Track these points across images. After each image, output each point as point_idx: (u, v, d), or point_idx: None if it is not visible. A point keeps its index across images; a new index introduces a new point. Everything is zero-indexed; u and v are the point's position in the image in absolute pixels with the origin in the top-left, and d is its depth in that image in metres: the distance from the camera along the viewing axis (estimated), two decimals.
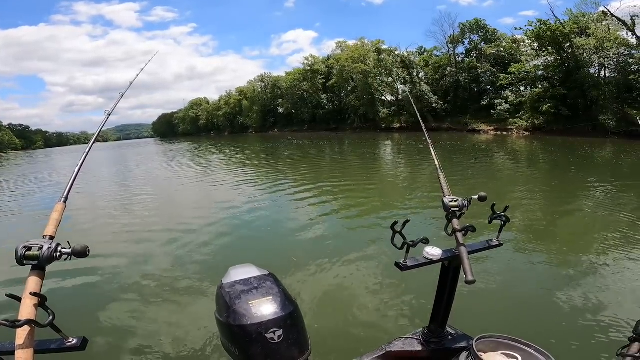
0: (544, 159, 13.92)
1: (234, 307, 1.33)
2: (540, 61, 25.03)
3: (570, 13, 25.27)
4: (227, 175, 11.44)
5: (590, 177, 8.73)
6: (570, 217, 5.51)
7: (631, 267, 3.45)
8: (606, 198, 6.58)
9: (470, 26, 33.58)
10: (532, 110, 23.90)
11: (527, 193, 7.23)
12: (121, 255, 4.41)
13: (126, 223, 6.09)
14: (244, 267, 1.63)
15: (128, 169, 17.50)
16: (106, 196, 9.10)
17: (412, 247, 1.13)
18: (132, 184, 11.49)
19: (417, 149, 17.38)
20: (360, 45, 39.67)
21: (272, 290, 1.42)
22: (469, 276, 1.00)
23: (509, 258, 3.69)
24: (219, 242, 4.74)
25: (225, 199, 7.48)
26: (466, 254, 1.08)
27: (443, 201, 1.21)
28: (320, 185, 8.76)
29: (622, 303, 2.76)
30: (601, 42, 22.29)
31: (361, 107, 38.52)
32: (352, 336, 2.56)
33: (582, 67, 22.83)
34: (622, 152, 14.85)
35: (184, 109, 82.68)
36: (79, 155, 1.26)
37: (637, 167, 11.46)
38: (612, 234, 4.40)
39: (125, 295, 3.36)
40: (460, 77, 32.92)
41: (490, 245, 1.31)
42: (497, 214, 1.26)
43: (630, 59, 22.54)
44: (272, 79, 54.89)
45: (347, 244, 4.30)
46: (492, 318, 2.66)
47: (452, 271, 1.25)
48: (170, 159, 22.21)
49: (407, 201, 6.67)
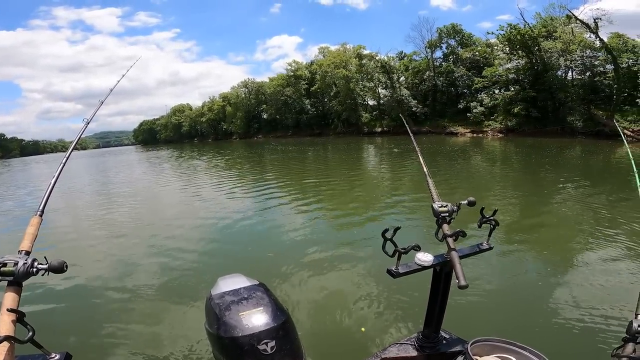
0: (518, 160, 14.48)
1: (224, 319, 1.31)
2: (512, 64, 26.10)
3: (539, 17, 26.56)
4: (212, 183, 11.27)
5: (561, 177, 9.09)
6: (550, 216, 5.64)
7: (616, 264, 3.52)
8: (579, 196, 6.84)
9: (447, 31, 34.76)
10: (505, 113, 24.88)
11: (505, 194, 7.43)
12: (105, 268, 4.29)
13: (109, 234, 5.93)
14: (233, 277, 1.62)
15: (109, 177, 17.16)
16: (87, 207, 8.89)
17: (403, 254, 1.12)
18: (113, 193, 11.18)
19: (400, 152, 17.73)
20: (342, 50, 40.39)
21: (262, 301, 1.41)
22: (461, 281, 0.99)
23: (499, 260, 3.69)
24: (207, 251, 4.63)
25: (211, 208, 7.36)
26: (457, 258, 1.08)
27: (433, 207, 1.21)
28: (307, 191, 8.71)
29: (612, 302, 2.76)
30: (567, 45, 23.41)
31: (344, 112, 39.09)
32: (347, 343, 2.54)
33: (549, 70, 23.88)
34: (589, 151, 15.67)
35: (166, 116, 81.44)
36: (57, 164, 1.26)
37: (604, 165, 12.13)
38: (591, 231, 4.56)
39: (110, 308, 3.26)
40: (438, 81, 33.93)
41: (480, 249, 1.30)
42: (486, 218, 1.26)
43: (595, 61, 23.80)
44: (255, 84, 54.94)
45: (337, 250, 4.26)
46: (486, 321, 2.67)
47: (444, 276, 1.24)
48: (153, 166, 21.90)
49: (395, 206, 6.64)
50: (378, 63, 37.07)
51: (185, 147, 45.14)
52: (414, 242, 1.17)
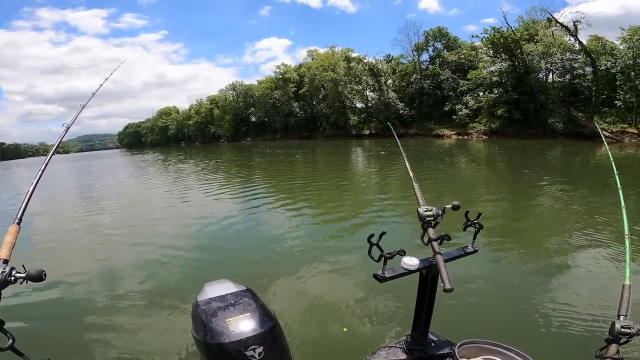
0: (502, 162, 14.83)
1: (210, 325, 1.30)
2: (495, 67, 26.69)
3: (522, 20, 27.26)
4: (199, 187, 11.15)
5: (543, 179, 9.27)
6: (533, 218, 5.72)
7: (599, 264, 3.58)
8: (561, 197, 6.96)
9: (434, 34, 35.41)
10: (488, 115, 25.44)
11: (489, 197, 7.51)
12: (88, 274, 4.22)
13: (92, 239, 5.82)
14: (220, 283, 1.62)
15: (92, 182, 16.80)
16: (70, 212, 8.69)
17: (389, 259, 1.13)
18: (97, 197, 10.93)
19: (387, 155, 17.88)
20: (330, 53, 40.61)
21: (249, 306, 1.41)
22: (446, 284, 1.00)
23: (486, 262, 3.73)
24: (193, 256, 4.57)
25: (198, 212, 7.27)
26: (443, 262, 1.08)
27: (418, 211, 1.21)
28: (295, 195, 8.67)
29: (596, 302, 2.81)
30: (548, 48, 24.09)
31: (332, 115, 39.24)
32: (336, 348, 2.54)
33: (531, 73, 24.53)
34: (569, 152, 16.19)
35: (152, 119, 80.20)
36: (38, 168, 1.24)
37: (584, 166, 12.54)
38: (573, 231, 4.63)
39: (94, 315, 3.19)
40: (424, 84, 34.46)
41: (465, 252, 1.31)
42: (470, 222, 1.28)
43: (575, 63, 24.57)
44: (244, 87, 54.67)
45: (325, 254, 4.24)
46: (473, 322, 2.69)
47: (431, 279, 1.25)
48: (138, 170, 21.54)
49: (383, 209, 6.66)
50: (366, 66, 37.41)
51: (171, 151, 44.51)
52: (401, 246, 1.19)
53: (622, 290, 1.17)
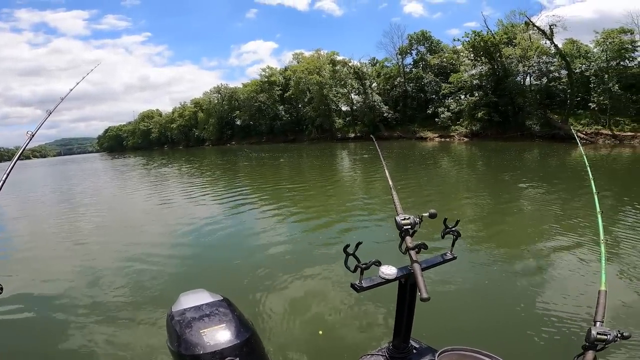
0: (482, 163, 15.16)
1: (184, 336, 1.29)
2: (476, 70, 27.20)
3: (501, 24, 28.02)
4: (180, 192, 10.93)
5: (521, 181, 9.44)
6: (511, 221, 5.75)
7: (577, 267, 3.62)
8: (539, 199, 7.08)
9: (417, 37, 35.98)
10: (469, 118, 25.94)
11: (469, 200, 7.56)
12: (60, 282, 4.10)
13: (66, 246, 5.68)
14: (196, 293, 1.60)
15: (70, 186, 16.29)
16: (45, 217, 8.47)
17: (365, 269, 1.13)
18: (74, 203, 10.61)
19: (370, 159, 17.96)
20: (316, 56, 40.78)
21: (225, 317, 1.40)
22: (423, 294, 1.00)
23: (465, 268, 3.72)
24: (171, 264, 4.49)
25: (179, 218, 7.14)
26: (420, 271, 1.08)
27: (396, 220, 1.21)
28: (278, 200, 8.59)
29: (575, 307, 2.83)
30: (525, 51, 24.83)
31: (318, 118, 39.32)
32: (317, 357, 2.53)
33: (509, 76, 25.15)
34: (546, 154, 16.62)
35: (134, 122, 78.55)
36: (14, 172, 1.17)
37: (560, 167, 12.90)
38: (552, 235, 4.68)
39: (66, 326, 3.09)
40: (408, 87, 34.98)
41: (444, 259, 1.32)
42: (449, 229, 1.29)
43: (551, 66, 25.45)
44: (229, 90, 54.20)
45: (306, 262, 4.19)
46: (455, 328, 2.71)
47: (409, 288, 1.25)
48: (118, 174, 21.03)
49: (364, 216, 6.64)
50: (351, 69, 37.68)
51: (154, 155, 43.69)
52: (380, 253, 1.20)
53: (598, 296, 1.16)
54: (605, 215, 1.65)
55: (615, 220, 5.16)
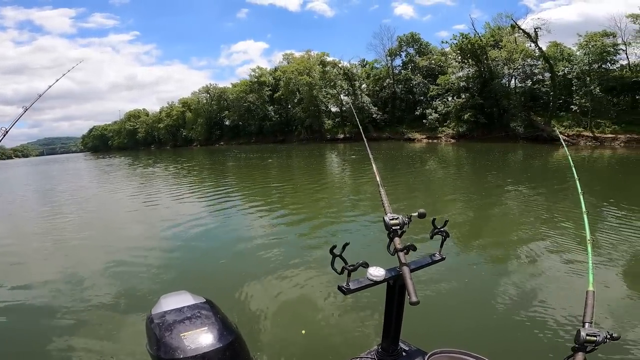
0: (469, 164, 15.33)
1: (164, 340, 1.25)
2: (463, 72, 27.51)
3: (488, 27, 28.43)
4: (165, 193, 10.72)
5: (508, 179, 9.63)
6: (500, 221, 5.78)
7: (565, 268, 3.62)
8: (524, 200, 7.12)
9: (407, 39, 36.35)
10: (456, 119, 26.27)
11: (455, 202, 7.55)
12: (37, 283, 3.98)
13: (44, 247, 5.53)
14: (178, 295, 1.56)
15: (53, 186, 15.87)
16: (26, 218, 8.27)
17: (352, 272, 1.10)
18: (56, 202, 10.35)
19: (358, 160, 18.01)
20: (306, 57, 40.75)
21: (208, 320, 1.36)
22: (412, 297, 0.97)
23: (454, 269, 3.68)
24: (154, 265, 4.38)
25: (162, 219, 6.97)
26: (409, 274, 1.05)
27: (384, 219, 1.18)
28: (265, 200, 8.51)
29: (564, 308, 2.81)
30: (511, 54, 25.27)
31: (307, 119, 39.29)
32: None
33: (495, 78, 25.53)
34: (530, 155, 16.96)
35: (120, 121, 77.19)
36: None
37: (544, 168, 13.14)
38: (539, 236, 4.66)
39: (42, 329, 3.04)
40: (397, 89, 35.26)
41: (433, 260, 1.30)
42: (437, 229, 1.28)
43: (535, 69, 25.95)
44: (218, 90, 53.69)
45: (292, 263, 4.11)
46: (444, 329, 2.69)
47: (398, 289, 1.22)
48: (101, 175, 20.58)
49: (352, 216, 6.57)
50: (341, 70, 37.81)
51: (140, 155, 42.95)
52: (368, 254, 1.18)
53: (586, 297, 1.15)
54: (590, 215, 1.61)
55: (598, 220, 5.23)
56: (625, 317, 2.69)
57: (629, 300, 3.01)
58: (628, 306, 2.88)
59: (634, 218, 5.30)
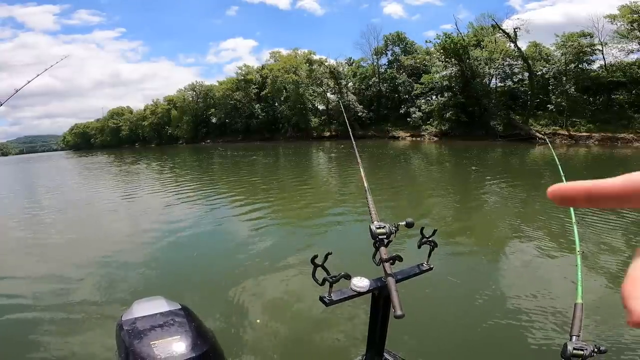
0: (450, 162, 15.62)
1: (132, 348, 1.21)
2: (447, 72, 27.81)
3: (472, 26, 28.81)
4: (145, 192, 10.57)
5: (487, 177, 9.76)
6: (487, 226, 5.74)
7: (552, 274, 3.62)
8: (506, 196, 7.22)
9: (393, 39, 36.61)
10: (439, 118, 26.66)
11: (440, 203, 7.55)
12: (4, 286, 3.87)
13: (15, 249, 5.37)
14: (152, 301, 1.51)
15: (29, 186, 15.48)
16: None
17: (334, 283, 1.06)
18: (28, 203, 10.07)
19: (343, 158, 18.09)
20: (293, 55, 40.64)
21: (181, 327, 1.32)
22: (397, 311, 0.93)
23: (441, 279, 3.60)
24: (130, 269, 4.25)
25: (141, 220, 6.82)
26: (394, 285, 1.01)
27: (370, 228, 1.13)
28: (249, 200, 8.37)
29: (552, 321, 2.78)
30: (491, 54, 25.76)
31: (294, 117, 39.22)
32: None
33: (476, 77, 25.98)
34: (509, 153, 17.42)
35: (103, 119, 75.45)
36: None
37: (521, 165, 13.60)
38: (531, 244, 4.61)
39: (3, 334, 2.93)
40: (382, 87, 35.53)
41: (421, 270, 1.26)
42: (426, 239, 1.23)
43: (515, 69, 26.50)
44: (204, 88, 53.04)
45: (275, 269, 4.04)
46: (429, 340, 2.64)
47: (383, 300, 1.17)
48: (80, 173, 20.18)
49: (336, 220, 6.44)
50: (327, 69, 37.84)
51: (123, 153, 42.15)
52: (352, 262, 1.10)
53: (574, 309, 1.12)
54: (567, 216, 1.66)
55: (580, 222, 5.19)
56: (613, 331, 2.63)
57: (617, 313, 2.88)
58: (616, 319, 2.78)
59: (611, 213, 5.35)
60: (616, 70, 21.41)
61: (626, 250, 4.28)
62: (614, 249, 4.34)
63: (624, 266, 3.63)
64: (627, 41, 20.81)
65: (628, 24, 20.01)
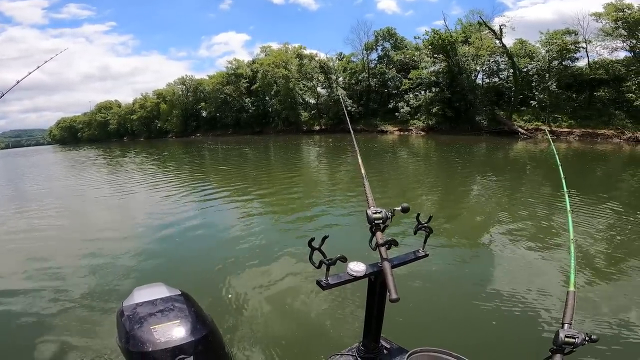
0: (437, 156, 15.96)
1: (133, 332, 1.24)
2: (435, 67, 28.16)
3: (461, 23, 29.22)
4: (138, 184, 10.55)
5: (471, 170, 9.98)
6: (480, 214, 5.81)
7: (545, 266, 3.61)
8: (492, 189, 7.35)
9: (383, 34, 36.72)
10: (426, 112, 27.02)
11: (429, 191, 7.68)
12: (4, 278, 3.89)
13: (14, 241, 5.39)
14: (152, 287, 1.54)
15: (19, 180, 15.32)
16: None
17: (330, 265, 1.06)
18: (23, 196, 10.13)
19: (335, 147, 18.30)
20: (283, 50, 40.52)
21: (181, 313, 1.35)
22: (392, 294, 0.94)
23: (436, 266, 3.62)
24: (130, 258, 4.27)
25: (138, 210, 6.85)
26: (390, 270, 1.01)
27: (367, 213, 1.13)
28: (241, 192, 8.38)
29: (545, 308, 2.79)
30: (478, 50, 26.16)
31: (284, 111, 39.24)
32: (285, 356, 2.42)
33: (463, 73, 26.34)
34: (493, 147, 17.89)
35: (90, 113, 74.10)
36: None
37: (505, 159, 13.99)
38: (524, 233, 4.65)
39: (8, 324, 2.95)
40: (372, 82, 35.74)
41: (416, 256, 1.26)
42: (421, 225, 1.25)
43: (501, 65, 26.92)
44: (194, 81, 52.51)
45: (272, 256, 4.05)
46: (425, 328, 2.68)
47: (379, 286, 1.17)
48: (71, 166, 20.03)
49: (331, 207, 6.44)
50: (317, 63, 37.82)
51: (112, 147, 41.58)
52: (348, 248, 1.23)
53: (567, 297, 1.13)
54: (547, 204, 1.77)
55: (575, 211, 5.17)
56: (604, 319, 2.66)
57: (609, 301, 2.95)
58: (608, 307, 2.83)
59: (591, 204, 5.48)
60: (599, 67, 21.81)
61: (619, 240, 4.34)
62: (607, 238, 4.38)
63: (617, 255, 3.83)
64: (611, 39, 21.16)
65: (612, 22, 20.34)
